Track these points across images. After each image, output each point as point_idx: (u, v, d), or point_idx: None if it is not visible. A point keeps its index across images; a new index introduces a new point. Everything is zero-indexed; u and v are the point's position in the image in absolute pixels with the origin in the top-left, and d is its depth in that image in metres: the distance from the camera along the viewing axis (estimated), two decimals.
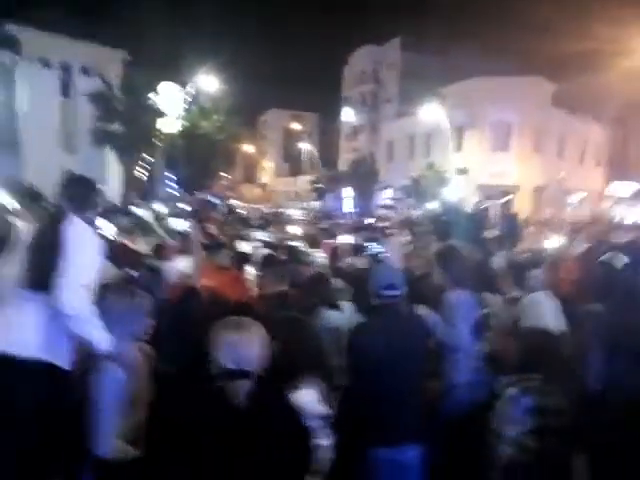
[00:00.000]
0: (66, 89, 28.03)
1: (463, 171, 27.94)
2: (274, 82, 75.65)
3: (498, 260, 6.08)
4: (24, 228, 2.67)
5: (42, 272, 2.40)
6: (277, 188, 59.30)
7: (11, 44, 26.17)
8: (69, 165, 23.26)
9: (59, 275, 2.37)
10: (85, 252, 2.50)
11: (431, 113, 26.42)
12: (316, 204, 34.32)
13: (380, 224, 11.49)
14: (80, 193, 2.70)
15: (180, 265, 4.70)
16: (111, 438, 2.13)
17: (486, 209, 23.01)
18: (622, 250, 5.81)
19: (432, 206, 22.29)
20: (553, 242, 8.46)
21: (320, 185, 37.96)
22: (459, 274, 2.99)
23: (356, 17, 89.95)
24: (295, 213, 21.53)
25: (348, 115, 48.20)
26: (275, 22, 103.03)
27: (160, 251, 5.21)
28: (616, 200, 32.42)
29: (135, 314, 2.35)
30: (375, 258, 4.62)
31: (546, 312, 3.41)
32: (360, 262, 5.17)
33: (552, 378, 2.51)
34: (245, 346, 1.91)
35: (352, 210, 29.04)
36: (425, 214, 16.98)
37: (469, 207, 16.01)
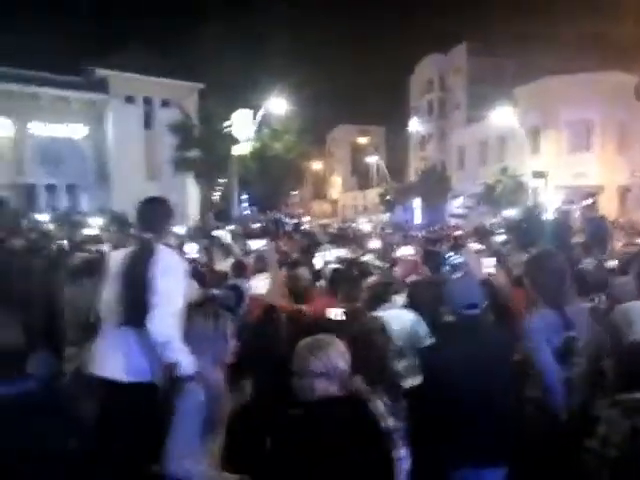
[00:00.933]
0: (148, 122, 30.21)
1: (541, 174, 26.55)
2: (341, 99, 76.81)
3: (586, 268, 5.70)
4: (115, 256, 2.84)
5: (135, 309, 2.55)
6: (346, 202, 59.59)
7: (101, 85, 28.71)
8: (153, 192, 24.66)
9: (151, 309, 2.51)
10: (174, 282, 2.61)
11: (503, 117, 25.50)
12: (386, 216, 34.04)
13: (453, 233, 11.13)
14: (158, 217, 2.81)
15: (260, 283, 4.85)
16: (187, 459, 2.12)
17: (569, 212, 21.66)
18: None
19: (509, 213, 21.33)
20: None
21: (389, 197, 37.66)
22: (550, 288, 2.78)
23: (420, 26, 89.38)
24: (365, 227, 21.48)
25: (415, 125, 47.69)
26: (338, 39, 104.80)
27: (239, 269, 5.36)
28: None
29: (219, 336, 2.39)
30: (453, 270, 4.48)
31: None
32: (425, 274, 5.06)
33: None
34: (338, 360, 2.00)
35: (422, 221, 28.49)
36: (502, 221, 16.29)
37: (550, 211, 15.13)
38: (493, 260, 4.32)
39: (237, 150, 22.62)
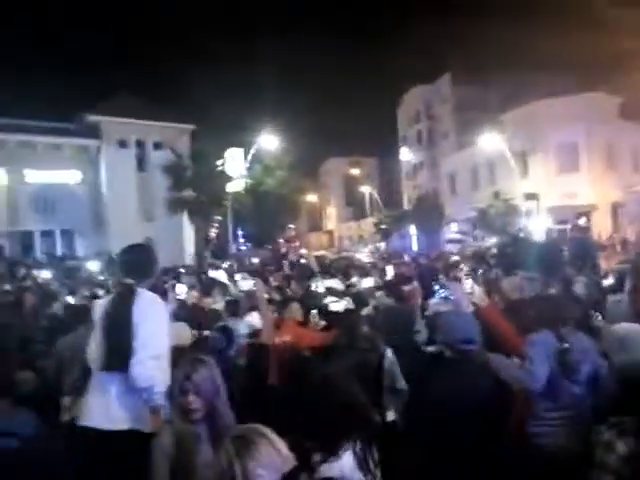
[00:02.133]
0: (142, 165, 30.53)
1: (532, 196, 26.83)
2: (331, 132, 78.11)
3: (578, 287, 5.69)
4: (100, 302, 2.84)
5: (116, 354, 2.55)
6: (342, 233, 59.77)
7: (93, 131, 29.17)
8: (149, 233, 25.03)
9: (133, 353, 2.51)
10: (155, 326, 2.61)
11: (491, 142, 25.95)
12: (382, 245, 34.10)
13: (444, 262, 11.07)
14: (139, 263, 2.83)
15: (253, 321, 4.82)
16: None
17: (562, 232, 21.72)
18: None
19: (499, 238, 21.38)
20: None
21: (384, 226, 37.83)
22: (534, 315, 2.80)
23: (404, 58, 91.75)
24: (362, 256, 21.47)
25: (406, 154, 48.39)
26: (326, 75, 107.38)
27: (233, 308, 5.35)
28: None
29: (190, 386, 2.16)
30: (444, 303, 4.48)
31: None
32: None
33: None
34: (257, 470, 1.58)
35: (419, 248, 28.55)
36: (494, 246, 16.33)
37: (541, 233, 15.18)
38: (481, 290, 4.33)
39: (231, 187, 22.87)
